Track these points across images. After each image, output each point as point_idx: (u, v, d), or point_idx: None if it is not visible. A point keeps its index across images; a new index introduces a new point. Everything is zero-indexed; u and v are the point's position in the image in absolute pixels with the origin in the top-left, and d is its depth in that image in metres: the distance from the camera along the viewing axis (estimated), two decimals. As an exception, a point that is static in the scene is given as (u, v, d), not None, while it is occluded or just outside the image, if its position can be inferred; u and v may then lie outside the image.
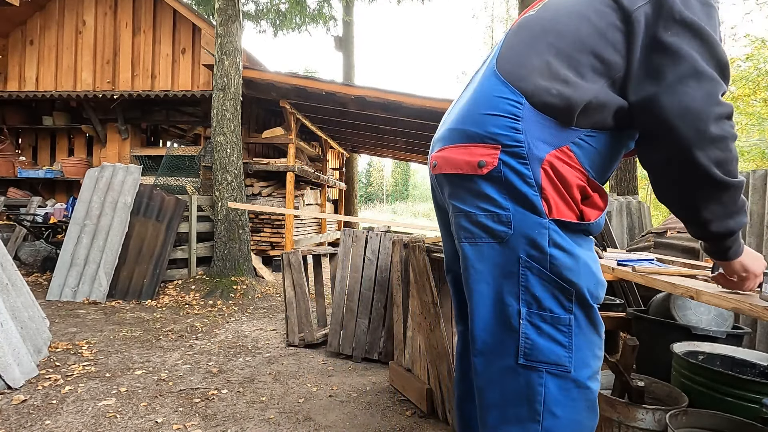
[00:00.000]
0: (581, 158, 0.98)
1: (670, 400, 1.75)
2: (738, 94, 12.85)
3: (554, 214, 0.96)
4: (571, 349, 0.96)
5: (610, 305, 3.06)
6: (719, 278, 1.14)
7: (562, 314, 0.97)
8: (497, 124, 0.97)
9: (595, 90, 0.96)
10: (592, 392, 0.99)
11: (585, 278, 0.97)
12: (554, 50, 0.98)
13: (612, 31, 0.96)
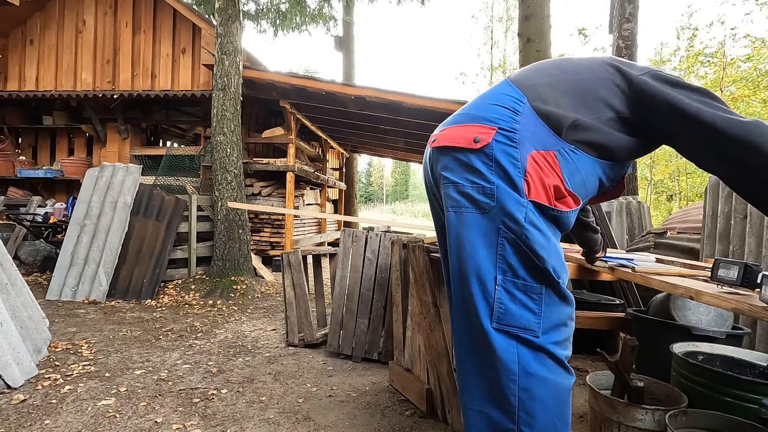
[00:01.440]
0: (563, 167, 1.11)
1: (669, 400, 1.75)
2: (738, 95, 12.85)
3: (532, 196, 1.07)
4: (540, 316, 1.07)
5: (610, 305, 3.06)
6: None
7: (534, 283, 1.07)
8: (499, 112, 1.12)
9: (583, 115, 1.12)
10: (560, 355, 1.08)
11: (554, 258, 1.08)
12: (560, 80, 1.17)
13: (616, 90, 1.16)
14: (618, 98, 1.15)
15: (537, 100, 1.13)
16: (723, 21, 13.23)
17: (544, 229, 1.08)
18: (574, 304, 1.13)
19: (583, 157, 1.14)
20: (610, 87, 1.15)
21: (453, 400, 1.83)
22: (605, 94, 1.15)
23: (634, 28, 7.45)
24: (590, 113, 1.13)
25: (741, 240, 2.74)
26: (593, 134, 1.13)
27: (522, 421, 1.05)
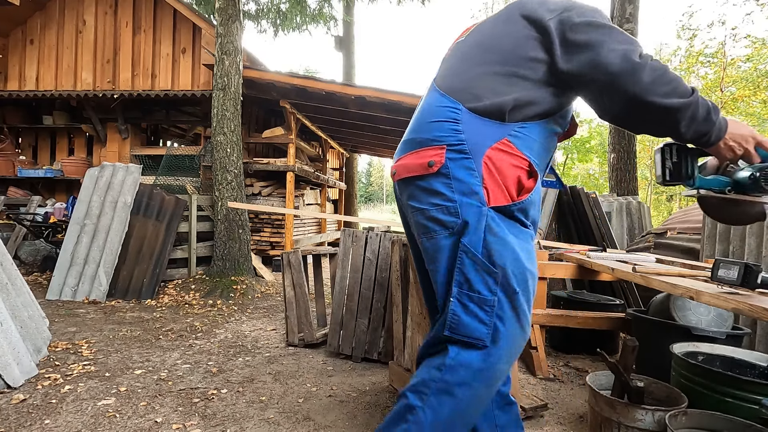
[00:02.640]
0: (521, 147, 1.15)
1: (669, 400, 1.75)
2: (738, 95, 12.84)
3: (492, 202, 1.11)
4: (490, 327, 1.10)
5: (610, 305, 3.06)
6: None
7: (488, 296, 1.10)
8: (441, 129, 1.15)
9: (519, 91, 1.15)
10: (497, 371, 1.12)
11: (511, 264, 1.09)
12: (484, 65, 1.19)
13: (532, 40, 1.17)
14: (542, 50, 1.16)
15: (472, 101, 1.15)
16: (723, 21, 13.23)
17: (503, 234, 1.10)
18: (528, 328, 1.15)
19: (533, 126, 1.18)
20: (533, 44, 1.17)
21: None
22: (533, 53, 1.16)
23: (635, 28, 7.45)
24: (525, 81, 1.16)
25: (741, 240, 2.74)
26: (535, 105, 1.17)
27: (427, 401, 1.11)
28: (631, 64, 1.07)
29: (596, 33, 1.12)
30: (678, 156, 1.21)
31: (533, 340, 2.65)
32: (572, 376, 2.64)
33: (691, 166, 1.20)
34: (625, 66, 1.07)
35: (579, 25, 1.12)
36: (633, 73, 1.06)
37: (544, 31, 1.15)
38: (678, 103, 1.06)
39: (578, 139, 13.71)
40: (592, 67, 1.10)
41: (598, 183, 16.52)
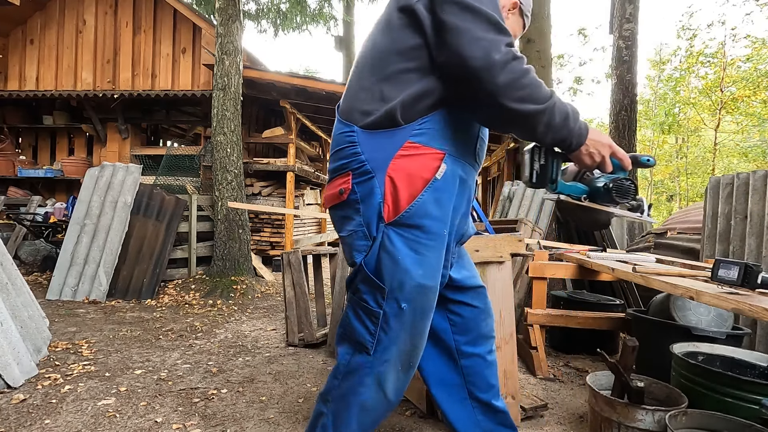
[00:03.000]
0: (429, 142, 1.12)
1: (669, 400, 1.75)
2: (738, 95, 12.84)
3: (388, 218, 1.11)
4: (375, 337, 1.14)
5: (610, 305, 3.06)
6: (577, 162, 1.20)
7: (375, 308, 1.14)
8: (343, 156, 1.16)
9: (407, 88, 1.11)
10: (386, 378, 1.16)
11: (398, 280, 1.11)
12: (370, 71, 1.16)
13: (411, 29, 1.12)
14: (419, 35, 1.11)
15: (363, 119, 1.13)
16: (723, 21, 13.23)
17: (395, 252, 1.11)
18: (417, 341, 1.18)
19: (436, 116, 1.14)
20: (409, 32, 1.12)
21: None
22: (411, 42, 1.12)
23: (635, 28, 7.45)
24: (410, 74, 1.12)
25: (741, 240, 2.75)
26: (428, 96, 1.12)
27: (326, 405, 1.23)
28: (489, 62, 1.02)
29: (461, 17, 1.05)
30: (545, 159, 1.21)
31: (533, 340, 2.65)
32: (572, 376, 2.64)
33: (555, 170, 1.21)
34: (484, 63, 1.02)
35: (450, 5, 1.06)
36: (489, 70, 1.02)
37: (414, 14, 1.10)
38: (532, 109, 1.04)
39: (578, 139, 13.70)
40: (455, 56, 1.05)
41: (598, 183, 16.49)
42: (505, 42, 1.05)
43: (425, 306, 1.16)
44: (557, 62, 14.76)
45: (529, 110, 1.03)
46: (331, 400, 1.22)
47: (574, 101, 16.81)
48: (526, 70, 1.04)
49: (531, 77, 1.04)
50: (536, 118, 1.05)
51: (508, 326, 1.92)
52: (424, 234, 1.12)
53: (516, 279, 3.36)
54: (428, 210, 1.11)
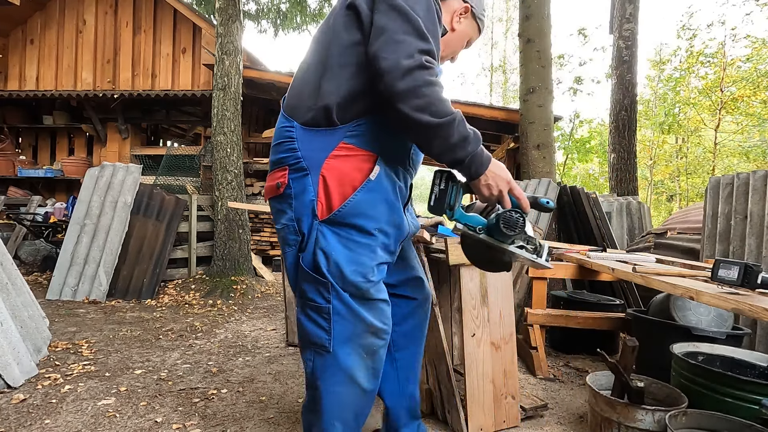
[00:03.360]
0: (363, 145, 1.15)
1: (669, 400, 1.76)
2: (738, 95, 12.84)
3: (321, 215, 1.14)
4: (330, 332, 1.17)
5: (610, 305, 3.06)
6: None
7: (323, 303, 1.16)
8: (282, 150, 1.19)
9: (344, 85, 1.13)
10: (353, 369, 1.19)
11: (334, 275, 1.15)
12: (314, 67, 1.18)
13: (352, 26, 1.14)
14: (359, 32, 1.13)
15: (304, 115, 1.16)
16: (723, 21, 13.22)
17: (329, 248, 1.14)
18: (373, 317, 1.20)
19: (372, 120, 1.16)
20: (350, 29, 1.14)
21: (453, 401, 1.83)
22: (352, 38, 1.14)
23: (635, 28, 7.46)
24: (347, 69, 1.14)
25: (741, 240, 2.75)
26: (365, 97, 1.14)
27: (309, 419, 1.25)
28: (396, 64, 1.03)
29: (388, 16, 1.07)
30: (446, 184, 1.20)
31: (533, 340, 2.65)
32: (572, 376, 2.64)
33: (454, 197, 1.20)
34: (391, 64, 1.03)
35: (382, 4, 1.09)
36: (392, 73, 1.03)
37: (357, 10, 1.13)
38: (427, 120, 1.03)
39: (578, 139, 13.71)
40: (372, 53, 1.06)
41: (598, 183, 16.51)
42: (420, 48, 1.05)
43: (367, 296, 1.19)
44: (557, 62, 14.75)
45: (424, 121, 1.04)
46: (311, 409, 1.24)
47: (574, 101, 16.81)
48: (430, 82, 1.04)
49: (433, 90, 1.04)
50: (432, 131, 1.05)
51: (508, 326, 1.92)
52: (357, 232, 1.16)
53: (516, 279, 3.36)
54: (361, 209, 1.15)
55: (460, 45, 1.43)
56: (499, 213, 1.15)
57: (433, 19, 1.12)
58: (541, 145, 5.45)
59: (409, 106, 1.03)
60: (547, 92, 5.55)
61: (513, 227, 1.12)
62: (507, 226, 1.13)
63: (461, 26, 1.39)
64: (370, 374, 1.23)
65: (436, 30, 1.13)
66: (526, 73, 5.66)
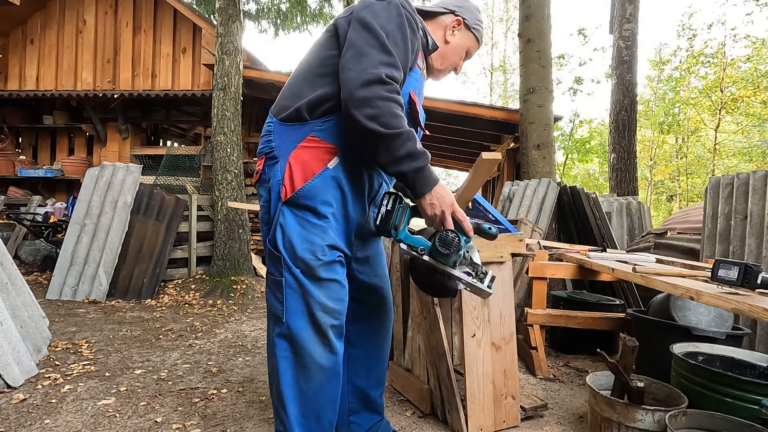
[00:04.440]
0: (328, 138, 1.28)
1: (669, 400, 1.76)
2: (738, 95, 12.84)
3: (284, 197, 1.27)
4: (283, 303, 1.29)
5: (610, 305, 3.06)
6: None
7: (278, 277, 1.30)
8: (263, 142, 1.36)
9: (318, 89, 1.27)
10: (303, 340, 1.28)
11: (287, 251, 1.27)
12: (298, 76, 1.34)
13: (331, 41, 1.30)
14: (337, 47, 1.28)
15: (280, 112, 1.32)
16: (723, 22, 13.22)
17: (286, 226, 1.28)
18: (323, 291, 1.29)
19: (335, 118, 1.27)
20: (330, 43, 1.29)
21: (453, 401, 1.83)
22: (330, 51, 1.28)
23: (635, 28, 7.46)
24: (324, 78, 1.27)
25: (741, 241, 2.75)
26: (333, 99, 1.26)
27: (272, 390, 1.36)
28: (358, 75, 1.14)
29: (359, 33, 1.20)
30: (392, 206, 1.28)
31: (533, 340, 2.65)
32: (572, 376, 2.64)
33: (399, 218, 1.27)
34: (354, 75, 1.15)
35: (356, 22, 1.22)
36: (353, 82, 1.14)
37: (336, 28, 1.28)
38: (375, 129, 1.13)
39: (578, 139, 13.71)
40: (341, 64, 1.21)
41: (598, 183, 16.51)
42: (382, 61, 1.16)
43: (316, 273, 1.28)
44: (557, 62, 14.75)
45: (373, 129, 1.13)
46: (272, 379, 1.34)
47: (574, 101, 16.80)
48: (385, 96, 1.14)
49: (387, 104, 1.14)
50: (378, 140, 1.15)
51: (508, 326, 1.92)
52: (311, 214, 1.28)
53: (516, 279, 3.36)
54: (315, 193, 1.27)
55: (458, 56, 1.53)
56: (436, 233, 1.21)
57: (404, 35, 1.23)
58: (541, 145, 5.45)
59: (361, 113, 1.13)
60: (547, 92, 5.55)
61: (447, 246, 1.18)
62: (442, 244, 1.19)
63: (455, 38, 1.49)
64: (325, 350, 1.31)
65: (405, 44, 1.24)
66: (526, 73, 5.66)
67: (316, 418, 1.33)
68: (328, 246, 1.30)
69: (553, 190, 4.35)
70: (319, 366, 1.31)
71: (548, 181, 4.46)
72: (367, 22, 1.20)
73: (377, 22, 1.20)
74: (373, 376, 1.62)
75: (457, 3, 1.51)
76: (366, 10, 1.23)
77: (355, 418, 1.62)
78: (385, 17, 1.22)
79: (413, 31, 1.27)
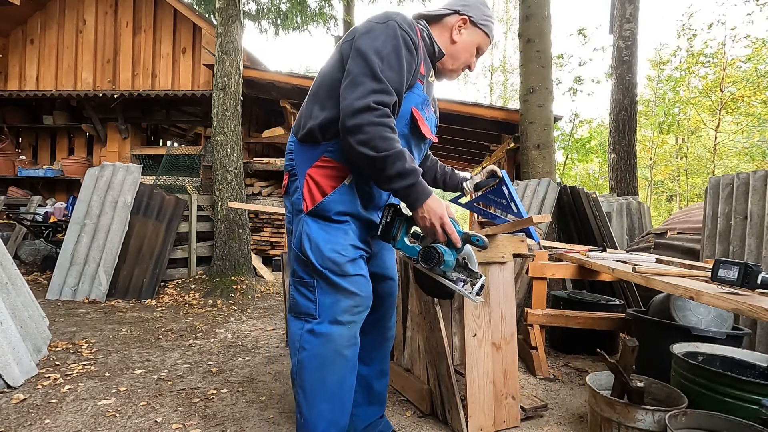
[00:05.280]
0: (338, 158, 1.39)
1: (669, 400, 1.76)
2: (738, 95, 12.84)
3: (306, 209, 1.41)
4: (316, 302, 1.40)
5: (610, 305, 3.06)
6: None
7: (309, 279, 1.42)
8: (287, 159, 1.51)
9: (328, 112, 1.37)
10: (333, 335, 1.39)
11: (315, 255, 1.39)
12: (314, 96, 1.44)
13: (338, 65, 1.38)
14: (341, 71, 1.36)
15: (299, 132, 1.45)
16: (723, 22, 13.21)
17: (311, 233, 1.40)
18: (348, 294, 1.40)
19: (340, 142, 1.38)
20: (338, 67, 1.38)
21: (453, 401, 1.83)
22: (338, 75, 1.37)
23: (635, 28, 7.46)
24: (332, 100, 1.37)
25: (741, 241, 2.75)
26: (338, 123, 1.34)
27: (296, 383, 1.43)
28: (351, 104, 1.25)
29: (355, 62, 1.30)
30: (391, 218, 1.41)
31: (533, 340, 2.65)
32: (572, 376, 2.64)
33: (397, 229, 1.40)
34: (348, 104, 1.26)
35: (354, 50, 1.31)
36: (346, 110, 1.26)
37: (341, 53, 1.37)
38: (366, 153, 1.25)
39: (578, 139, 13.70)
40: (340, 94, 1.31)
41: (598, 183, 16.50)
42: (372, 89, 1.26)
43: (344, 269, 1.39)
44: (557, 62, 14.74)
45: (365, 153, 1.25)
46: (297, 375, 1.43)
47: (574, 101, 16.80)
48: (374, 122, 1.24)
49: (377, 129, 1.24)
50: (371, 162, 1.26)
51: (509, 326, 1.92)
52: (332, 222, 1.41)
53: (516, 279, 3.36)
54: (334, 205, 1.40)
55: (468, 54, 1.57)
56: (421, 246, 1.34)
57: (399, 57, 1.31)
58: (541, 145, 5.45)
59: (353, 140, 1.25)
60: (547, 92, 5.54)
61: (427, 261, 1.30)
62: (423, 259, 1.31)
63: (463, 37, 1.53)
64: (350, 342, 1.42)
65: (400, 66, 1.32)
66: (526, 73, 5.66)
67: (340, 407, 1.43)
68: (351, 245, 1.42)
69: (553, 190, 4.34)
70: (344, 358, 1.41)
71: (548, 181, 4.46)
72: (363, 51, 1.29)
73: (374, 47, 1.29)
74: (377, 367, 1.67)
75: (461, 2, 1.53)
76: (364, 37, 1.32)
77: (358, 411, 1.66)
78: (381, 41, 1.30)
79: (410, 51, 1.35)
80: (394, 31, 1.33)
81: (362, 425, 1.67)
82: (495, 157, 7.78)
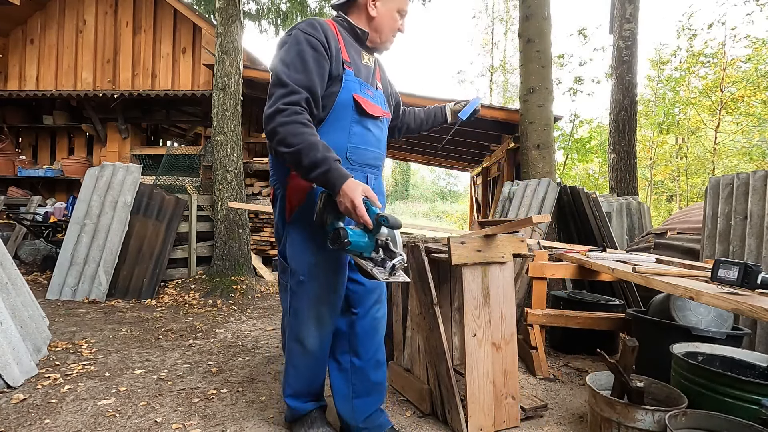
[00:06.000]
0: None
1: (669, 400, 1.76)
2: (738, 95, 12.84)
3: (288, 217, 1.59)
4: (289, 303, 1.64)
5: (610, 305, 3.06)
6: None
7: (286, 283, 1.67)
8: (270, 172, 1.69)
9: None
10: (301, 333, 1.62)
11: (297, 261, 1.59)
12: None
13: None
14: None
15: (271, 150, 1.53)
16: (723, 22, 13.20)
17: (292, 241, 1.60)
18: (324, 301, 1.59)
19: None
20: None
21: (453, 401, 1.83)
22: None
23: (635, 28, 7.45)
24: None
25: (741, 241, 2.75)
26: None
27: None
28: (265, 113, 1.41)
29: (270, 79, 1.46)
30: (323, 204, 1.46)
31: (533, 340, 2.65)
32: (572, 376, 2.64)
33: (328, 214, 1.46)
34: (264, 114, 1.42)
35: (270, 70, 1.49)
36: (264, 119, 1.42)
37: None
38: (283, 150, 1.38)
39: (578, 139, 13.70)
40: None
41: (598, 183, 16.48)
42: (279, 94, 1.41)
43: (319, 275, 1.56)
44: (557, 62, 14.73)
45: (283, 152, 1.39)
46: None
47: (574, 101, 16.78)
48: (284, 122, 1.37)
49: (287, 128, 1.37)
50: (289, 158, 1.39)
51: (509, 326, 1.92)
52: (309, 226, 1.55)
53: (516, 279, 3.36)
54: (308, 211, 1.54)
55: (392, 20, 1.66)
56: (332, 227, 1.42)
57: (304, 59, 1.44)
58: (541, 145, 5.45)
59: (274, 143, 1.40)
60: (547, 92, 5.54)
61: (333, 243, 1.37)
62: (330, 241, 1.38)
63: (379, 9, 1.62)
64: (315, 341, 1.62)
65: (306, 66, 1.44)
66: (526, 73, 5.66)
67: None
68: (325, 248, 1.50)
69: (553, 190, 4.34)
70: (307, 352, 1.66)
71: (548, 181, 4.46)
72: (272, 67, 1.48)
73: (280, 59, 1.46)
74: (371, 358, 1.73)
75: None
76: (275, 54, 1.50)
77: (358, 402, 1.72)
78: (285, 51, 1.46)
79: (316, 49, 1.46)
80: (297, 38, 1.47)
81: (362, 417, 1.71)
82: (495, 157, 7.77)
